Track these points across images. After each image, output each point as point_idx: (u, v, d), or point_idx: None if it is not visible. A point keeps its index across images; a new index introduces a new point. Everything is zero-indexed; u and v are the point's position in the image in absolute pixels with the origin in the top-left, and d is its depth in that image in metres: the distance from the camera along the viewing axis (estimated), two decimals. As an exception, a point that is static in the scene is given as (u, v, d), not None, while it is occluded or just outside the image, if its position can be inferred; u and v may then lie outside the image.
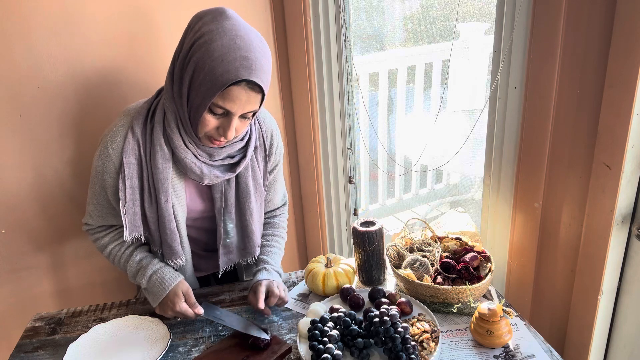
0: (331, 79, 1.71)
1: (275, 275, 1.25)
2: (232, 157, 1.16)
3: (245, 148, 1.18)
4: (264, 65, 1.00)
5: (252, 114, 1.07)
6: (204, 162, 1.12)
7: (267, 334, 1.11)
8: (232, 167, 1.17)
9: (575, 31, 1.07)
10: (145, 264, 1.19)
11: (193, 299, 1.16)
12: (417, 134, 2.77)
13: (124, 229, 1.13)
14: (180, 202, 1.17)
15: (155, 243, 1.19)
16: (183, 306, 1.14)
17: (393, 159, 2.96)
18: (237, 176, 1.20)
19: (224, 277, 1.36)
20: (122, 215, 1.12)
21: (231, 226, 1.24)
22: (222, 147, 1.12)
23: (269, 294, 1.20)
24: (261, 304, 1.17)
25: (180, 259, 1.20)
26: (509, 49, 1.21)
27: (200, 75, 0.98)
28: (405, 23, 3.18)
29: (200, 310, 1.15)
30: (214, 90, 0.97)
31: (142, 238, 1.17)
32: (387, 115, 2.87)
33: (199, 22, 0.99)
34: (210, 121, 1.03)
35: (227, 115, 1.03)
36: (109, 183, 1.13)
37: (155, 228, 1.16)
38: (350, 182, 1.86)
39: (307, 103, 1.74)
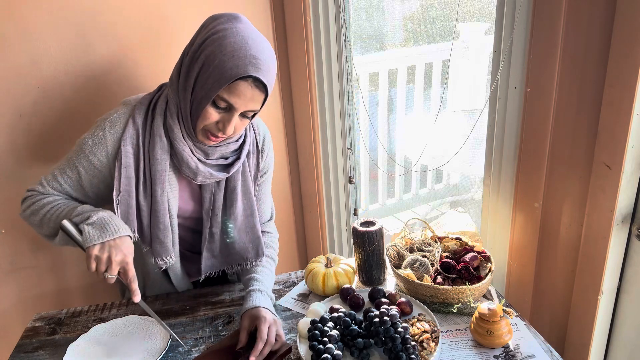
0: (331, 79, 1.71)
1: (269, 302, 1.16)
2: (225, 158, 1.17)
3: (239, 150, 1.19)
4: (271, 69, 1.04)
5: (252, 114, 1.08)
6: (199, 159, 1.13)
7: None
8: (225, 168, 1.18)
9: (575, 31, 1.07)
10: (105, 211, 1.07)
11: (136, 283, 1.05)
12: (417, 134, 2.77)
13: None
14: (174, 197, 1.16)
15: (144, 240, 1.17)
16: (132, 272, 1.02)
17: (393, 159, 2.96)
18: (227, 180, 1.20)
19: (212, 282, 1.32)
20: (114, 205, 1.10)
21: (217, 230, 1.23)
22: (216, 146, 1.13)
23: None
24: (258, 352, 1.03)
25: (171, 256, 1.18)
26: (509, 49, 1.21)
27: (209, 68, 1.00)
28: (405, 23, 3.18)
29: (138, 297, 1.04)
30: (221, 83, 1.00)
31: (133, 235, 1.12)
32: (387, 115, 2.87)
33: (214, 22, 1.03)
34: (212, 114, 1.04)
35: (229, 110, 1.05)
36: (93, 165, 1.10)
37: (147, 223, 1.15)
38: (350, 182, 1.86)
39: (307, 103, 1.74)
